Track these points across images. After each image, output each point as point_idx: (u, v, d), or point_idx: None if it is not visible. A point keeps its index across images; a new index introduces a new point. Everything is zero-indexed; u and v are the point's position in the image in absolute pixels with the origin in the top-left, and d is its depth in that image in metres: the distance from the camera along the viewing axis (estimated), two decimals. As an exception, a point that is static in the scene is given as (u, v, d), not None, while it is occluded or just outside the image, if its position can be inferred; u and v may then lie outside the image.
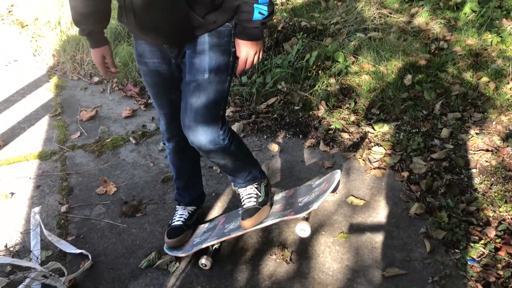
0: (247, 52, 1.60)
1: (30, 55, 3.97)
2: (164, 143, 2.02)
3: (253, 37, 1.57)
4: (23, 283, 1.76)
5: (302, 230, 1.87)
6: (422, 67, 3.40)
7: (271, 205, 2.01)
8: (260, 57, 1.66)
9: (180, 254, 2.02)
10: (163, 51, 1.67)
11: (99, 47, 1.71)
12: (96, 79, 3.57)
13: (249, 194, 1.96)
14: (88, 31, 1.67)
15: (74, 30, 4.01)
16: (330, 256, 2.07)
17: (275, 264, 2.04)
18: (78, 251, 2.10)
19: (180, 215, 2.15)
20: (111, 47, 1.76)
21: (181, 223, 2.13)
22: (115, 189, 2.49)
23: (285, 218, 1.83)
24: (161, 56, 1.69)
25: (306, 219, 1.90)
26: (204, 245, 1.96)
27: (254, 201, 1.93)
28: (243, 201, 1.97)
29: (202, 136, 1.63)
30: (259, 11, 1.52)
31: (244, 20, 1.54)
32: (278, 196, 2.10)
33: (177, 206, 2.20)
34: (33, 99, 3.37)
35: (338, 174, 1.87)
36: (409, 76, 3.27)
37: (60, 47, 3.88)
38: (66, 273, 1.93)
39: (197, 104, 1.61)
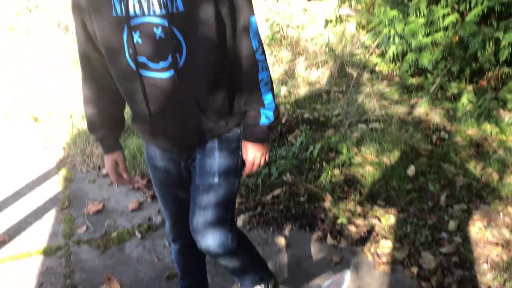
0: (254, 154, 1.65)
1: (41, 147, 4.08)
2: (169, 243, 2.01)
3: (260, 140, 1.64)
4: None
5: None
6: (425, 158, 3.46)
7: None
8: (266, 159, 1.71)
9: None
10: (173, 154, 1.72)
11: (112, 153, 1.76)
12: (104, 171, 3.64)
13: None
14: (102, 138, 1.72)
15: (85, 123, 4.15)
16: None
17: None
18: None
19: None
20: (123, 153, 1.81)
21: None
22: (119, 287, 2.44)
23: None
24: (171, 159, 1.74)
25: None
26: None
27: None
28: None
29: (211, 240, 1.62)
30: (266, 116, 1.60)
31: (251, 124, 1.61)
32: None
33: (181, 307, 2.14)
34: (41, 192, 3.41)
35: (347, 275, 1.84)
36: (412, 167, 3.32)
37: (71, 140, 4.00)
38: None
39: (207, 208, 1.63)
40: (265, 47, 4.73)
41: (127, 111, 1.78)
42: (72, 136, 4.05)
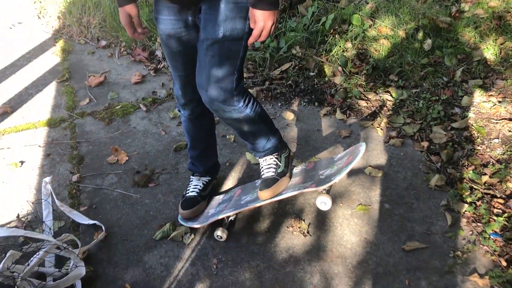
0: (263, 22, 1.46)
1: (35, 17, 3.84)
2: (179, 110, 1.94)
3: (270, 6, 1.43)
4: (36, 256, 1.73)
5: (323, 203, 1.80)
6: (443, 31, 3.25)
7: (290, 176, 1.95)
8: (274, 28, 1.55)
9: (195, 225, 1.98)
10: (180, 10, 1.59)
11: (125, 5, 1.61)
12: (103, 43, 3.46)
13: (268, 164, 1.89)
14: None
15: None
16: (348, 229, 2.02)
17: (292, 236, 1.99)
18: (91, 222, 2.06)
19: (195, 185, 2.10)
20: (137, 6, 1.65)
21: (196, 193, 2.07)
22: (127, 158, 2.43)
23: (305, 190, 1.77)
24: (178, 13, 1.60)
25: (327, 192, 1.83)
26: (220, 216, 1.92)
27: (273, 172, 1.87)
28: (262, 171, 1.90)
29: (214, 94, 1.57)
30: None
31: None
32: (297, 169, 2.03)
33: (191, 177, 2.14)
34: (39, 63, 3.27)
35: (362, 147, 1.78)
36: (429, 41, 3.14)
37: (65, 8, 3.74)
38: (80, 245, 1.90)
39: (211, 63, 1.54)
40: None
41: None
42: (67, 5, 3.79)
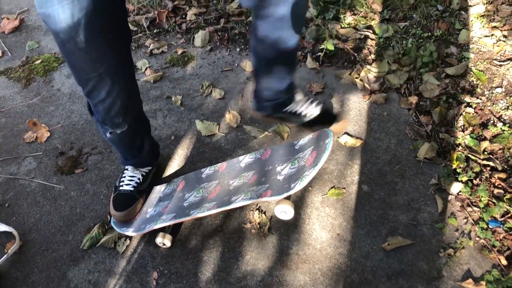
0: None
1: None
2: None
3: None
4: None
5: (283, 212, 1.42)
6: None
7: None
8: None
9: (130, 232, 1.59)
10: None
11: None
12: (21, -31, 2.78)
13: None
14: None
15: None
16: (319, 222, 1.65)
17: (250, 237, 1.63)
18: (3, 228, 1.66)
19: (131, 177, 1.68)
20: None
21: (132, 188, 1.66)
22: (48, 134, 1.97)
23: (259, 200, 1.36)
24: None
25: (288, 197, 1.43)
26: (158, 226, 1.53)
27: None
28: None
29: None
30: None
31: None
32: (251, 157, 1.60)
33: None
34: None
35: (329, 140, 1.35)
36: (422, -45, 2.54)
37: None
38: (-17, 268, 1.53)
39: None
40: None
41: None
42: None
